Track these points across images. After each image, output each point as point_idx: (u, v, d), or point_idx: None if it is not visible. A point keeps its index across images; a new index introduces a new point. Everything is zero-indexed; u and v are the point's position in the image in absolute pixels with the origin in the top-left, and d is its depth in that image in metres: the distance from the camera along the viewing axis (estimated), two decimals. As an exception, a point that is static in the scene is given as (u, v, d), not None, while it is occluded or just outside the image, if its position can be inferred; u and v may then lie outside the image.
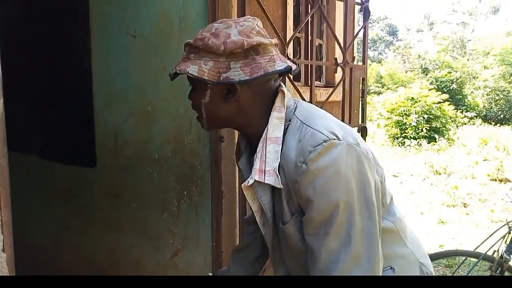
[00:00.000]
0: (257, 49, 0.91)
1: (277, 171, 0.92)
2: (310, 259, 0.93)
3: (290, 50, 2.36)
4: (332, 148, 0.87)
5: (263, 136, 0.95)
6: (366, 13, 2.35)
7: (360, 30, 2.32)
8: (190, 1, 1.95)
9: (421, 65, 15.39)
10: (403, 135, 9.85)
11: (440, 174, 6.92)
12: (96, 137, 2.38)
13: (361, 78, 2.41)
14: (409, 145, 9.41)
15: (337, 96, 2.51)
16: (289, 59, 1.94)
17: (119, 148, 2.30)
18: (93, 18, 2.30)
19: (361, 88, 2.42)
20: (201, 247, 2.03)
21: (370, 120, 13.03)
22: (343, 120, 2.24)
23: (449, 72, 14.09)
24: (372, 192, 0.91)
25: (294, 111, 0.97)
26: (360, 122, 2.41)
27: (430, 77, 14.19)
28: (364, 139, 2.36)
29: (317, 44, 3.00)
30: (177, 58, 2.15)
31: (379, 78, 21.35)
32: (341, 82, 2.25)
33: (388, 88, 18.04)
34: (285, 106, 0.96)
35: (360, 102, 2.43)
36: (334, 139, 0.88)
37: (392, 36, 41.17)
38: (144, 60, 2.15)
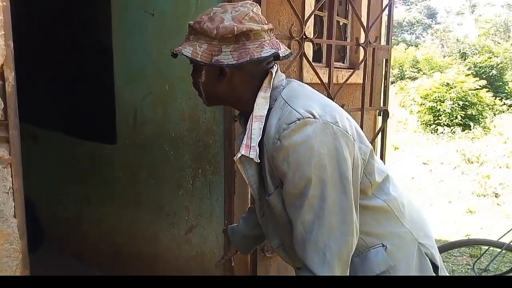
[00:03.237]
0: (248, 35, 0.97)
1: (257, 147, 0.99)
2: (293, 229, 0.99)
3: (311, 29, 2.31)
4: (305, 126, 0.92)
5: (251, 114, 1.02)
6: (391, -9, 2.25)
7: (384, 8, 2.23)
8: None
9: (460, 49, 14.74)
10: (436, 122, 9.52)
11: (472, 162, 6.66)
12: (117, 115, 2.43)
13: (384, 60, 2.33)
14: (442, 133, 9.09)
15: (359, 78, 2.45)
16: (306, 38, 1.89)
17: (137, 126, 2.34)
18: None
19: (384, 70, 2.34)
20: (214, 224, 2.06)
21: (403, 106, 12.67)
22: (362, 103, 2.18)
23: (489, 58, 13.42)
24: (348, 168, 0.95)
25: (282, 90, 1.03)
26: (382, 105, 2.34)
27: (469, 62, 13.58)
28: (385, 122, 2.30)
29: (341, 24, 2.92)
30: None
31: (415, 63, 20.63)
32: (363, 63, 2.19)
33: (424, 73, 17.44)
34: (271, 86, 1.02)
35: (383, 84, 2.36)
36: (309, 117, 0.93)
37: (430, 19, 39.54)
38: (162, 39, 2.15)
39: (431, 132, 9.33)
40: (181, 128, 2.14)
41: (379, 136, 2.35)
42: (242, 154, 1.01)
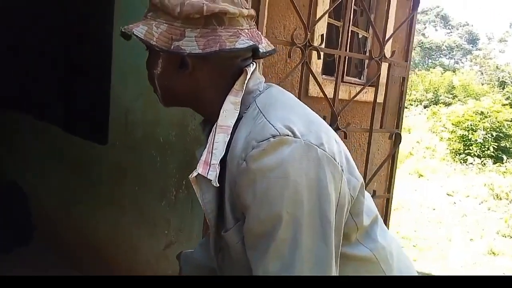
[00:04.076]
0: (221, 19, 0.76)
1: (218, 166, 0.77)
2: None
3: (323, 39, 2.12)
4: (282, 146, 0.71)
5: (216, 123, 0.79)
6: (415, 2, 2.04)
7: (404, 21, 2.01)
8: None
9: (499, 78, 14.11)
10: (466, 151, 9.03)
11: (500, 199, 6.21)
12: (110, 114, 2.31)
13: (401, 78, 2.10)
14: (471, 163, 8.60)
15: (368, 95, 2.23)
16: (310, 45, 1.70)
17: (129, 127, 2.21)
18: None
19: (400, 89, 2.11)
20: (193, 242, 1.87)
21: (434, 132, 12.18)
22: (371, 124, 1.96)
23: (531, 89, 12.73)
24: (331, 207, 0.73)
25: (258, 96, 0.81)
26: (394, 128, 2.10)
27: (507, 91, 12.96)
28: (397, 146, 2.06)
29: (361, 36, 2.71)
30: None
31: (451, 88, 19.97)
32: (377, 80, 1.98)
33: (459, 100, 16.81)
34: (243, 89, 0.80)
35: (398, 105, 2.12)
36: (287, 136, 0.71)
37: (471, 45, 38.44)
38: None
39: (460, 162, 8.85)
40: (169, 134, 1.99)
41: (389, 162, 2.11)
42: (198, 173, 0.79)
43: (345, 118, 2.45)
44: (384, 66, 2.00)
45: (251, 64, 0.83)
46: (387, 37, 1.95)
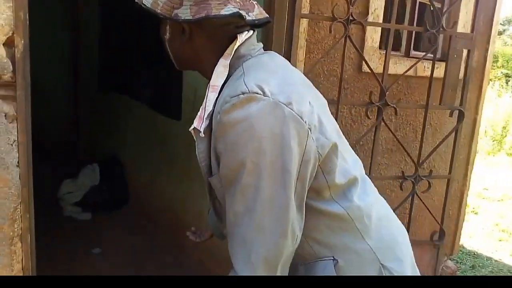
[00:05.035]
0: None
1: (208, 119, 0.88)
2: None
3: (379, 12, 2.06)
4: (249, 102, 0.79)
5: (209, 82, 0.91)
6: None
7: (470, -12, 1.84)
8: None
9: None
10: None
11: None
12: (183, 93, 2.57)
13: (465, 50, 1.94)
14: None
15: (440, 71, 2.10)
16: (353, 20, 1.69)
17: (196, 105, 2.44)
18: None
19: (465, 63, 1.95)
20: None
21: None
22: (427, 100, 1.87)
23: None
24: (292, 160, 0.80)
25: (247, 60, 0.90)
26: (456, 104, 1.96)
27: None
28: (459, 124, 1.93)
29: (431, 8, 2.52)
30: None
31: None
32: (433, 53, 1.87)
33: None
34: (232, 53, 0.89)
35: (463, 80, 1.97)
36: (256, 93, 0.80)
37: None
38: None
39: None
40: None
41: (453, 140, 1.98)
42: (194, 127, 0.90)
43: (413, 96, 2.35)
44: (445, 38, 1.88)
45: (246, 32, 0.91)
46: (446, 7, 1.83)
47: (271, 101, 0.79)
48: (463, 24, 2.37)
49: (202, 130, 0.87)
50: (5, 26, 1.19)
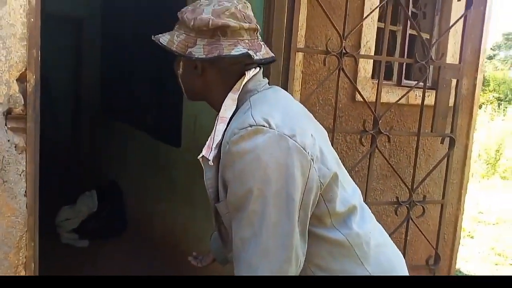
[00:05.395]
0: (225, 31, 0.93)
1: (216, 149, 0.94)
2: None
3: (371, 44, 2.16)
4: (256, 135, 0.86)
5: (218, 114, 0.98)
6: (468, 2, 1.96)
7: (456, 21, 1.95)
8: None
9: None
10: None
11: None
12: (183, 121, 2.64)
13: (454, 80, 2.03)
14: None
15: (430, 99, 2.18)
16: (346, 53, 1.78)
17: (196, 132, 2.51)
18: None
19: (455, 93, 2.03)
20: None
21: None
22: (419, 127, 1.95)
23: None
24: (296, 189, 0.86)
25: (254, 95, 0.97)
26: (447, 131, 2.04)
27: None
28: (450, 151, 2.00)
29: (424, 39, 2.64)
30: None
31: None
32: (424, 83, 1.96)
33: None
34: (240, 88, 0.97)
35: (452, 109, 2.05)
36: (263, 126, 0.86)
37: None
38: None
39: None
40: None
41: (445, 165, 2.05)
42: (203, 155, 0.96)
43: (405, 123, 2.43)
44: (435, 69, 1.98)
45: (253, 69, 0.99)
46: (434, 40, 1.93)
47: (276, 134, 0.86)
48: (452, 54, 2.48)
49: (211, 158, 0.93)
50: (19, 63, 1.27)
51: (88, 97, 3.96)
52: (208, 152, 0.95)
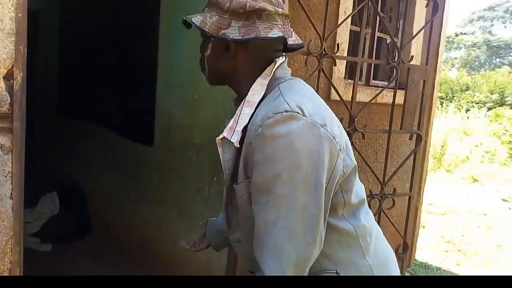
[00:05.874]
0: (260, 14, 0.94)
1: (241, 132, 0.94)
2: (251, 227, 0.94)
3: (345, 46, 2.26)
4: (291, 120, 0.87)
5: (244, 98, 0.98)
6: (434, 8, 2.11)
7: (423, 28, 2.10)
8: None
9: None
10: (529, 155, 8.49)
11: (562, 205, 5.82)
12: (156, 119, 2.61)
13: (421, 81, 2.18)
14: (534, 168, 8.08)
15: (400, 99, 2.32)
16: (326, 54, 1.86)
17: (171, 131, 2.49)
18: (163, 9, 2.51)
19: (421, 92, 2.18)
20: (223, 233, 2.10)
21: (496, 135, 11.51)
22: (390, 125, 2.08)
23: None
24: (324, 173, 0.89)
25: (282, 83, 0.99)
26: (415, 129, 2.19)
27: None
28: (417, 147, 2.15)
29: (388, 41, 2.80)
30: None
31: (522, 89, 18.58)
32: (395, 83, 2.09)
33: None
34: (271, 75, 0.98)
35: (419, 107, 2.20)
36: (297, 112, 0.88)
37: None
38: (196, 50, 2.27)
39: (523, 167, 8.35)
40: (204, 136, 2.23)
41: (412, 162, 2.19)
42: (224, 136, 0.96)
43: (373, 121, 2.56)
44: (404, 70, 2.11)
45: (281, 57, 1.01)
46: (405, 42, 2.06)
47: (309, 121, 0.88)
48: (414, 56, 2.65)
49: (235, 141, 0.93)
50: (6, 59, 1.21)
51: (45, 94, 3.77)
52: (230, 133, 0.95)
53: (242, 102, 0.97)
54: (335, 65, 1.94)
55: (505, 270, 3.82)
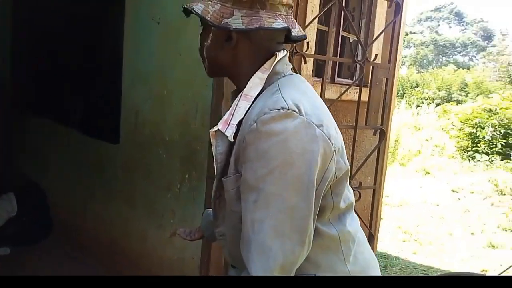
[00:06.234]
0: (264, 3, 0.92)
1: (236, 126, 0.92)
2: (235, 224, 0.92)
3: (312, 44, 2.32)
4: (287, 118, 0.85)
5: (242, 91, 0.96)
6: (396, 9, 2.22)
7: (386, 27, 2.20)
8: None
9: (510, 74, 13.99)
10: (474, 148, 9.07)
11: (504, 194, 6.27)
12: (122, 115, 2.54)
13: (385, 79, 2.28)
14: (479, 160, 8.65)
15: (365, 96, 2.41)
16: (296, 52, 1.90)
17: (138, 127, 2.44)
18: (128, 3, 2.45)
19: (384, 89, 2.29)
20: (195, 230, 2.09)
21: (444, 130, 12.20)
22: (356, 121, 2.16)
23: (542, 85, 12.60)
24: (316, 173, 0.87)
25: (281, 78, 0.96)
26: (379, 124, 2.29)
27: (519, 88, 12.84)
28: (381, 141, 2.25)
29: (351, 40, 2.90)
30: (193, 46, 2.18)
31: (464, 86, 19.83)
32: (360, 81, 2.17)
33: (471, 98, 16.73)
34: (271, 69, 0.95)
35: (382, 103, 2.31)
36: (294, 110, 0.86)
37: (486, 41, 37.91)
38: (164, 46, 2.25)
39: (468, 159, 8.90)
40: (174, 132, 2.21)
41: (376, 157, 2.29)
42: (218, 129, 0.93)
43: (337, 117, 2.64)
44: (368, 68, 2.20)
45: (283, 50, 0.98)
46: (369, 42, 2.15)
47: (305, 120, 0.85)
48: (374, 55, 2.77)
49: (229, 134, 0.92)
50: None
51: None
52: (225, 127, 0.92)
53: (239, 95, 0.95)
54: (305, 63, 1.98)
55: (456, 257, 4.08)
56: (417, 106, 17.56)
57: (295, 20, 0.97)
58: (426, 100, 18.75)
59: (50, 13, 2.93)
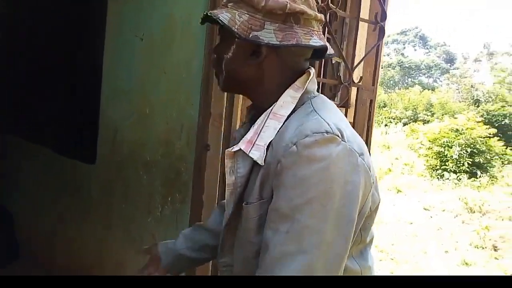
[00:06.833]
0: (299, 18, 0.84)
1: (266, 148, 0.84)
2: (262, 255, 0.81)
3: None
4: (331, 143, 0.77)
5: (269, 109, 0.87)
6: (380, 33, 2.26)
7: (370, 50, 2.22)
8: (194, 8, 1.96)
9: (474, 96, 14.68)
10: (442, 167, 9.35)
11: (474, 212, 6.47)
12: (99, 134, 2.43)
13: (369, 100, 2.30)
14: (447, 179, 8.92)
15: (349, 117, 2.42)
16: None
17: (117, 146, 2.34)
18: (110, 18, 2.37)
19: (368, 111, 2.30)
20: (178, 255, 2.00)
21: (412, 149, 12.55)
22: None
23: (503, 106, 13.30)
24: (356, 209, 0.79)
25: (313, 98, 0.89)
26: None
27: (482, 109, 13.48)
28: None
29: (333, 62, 2.92)
30: (178, 63, 2.11)
31: (429, 106, 20.58)
32: (346, 102, 2.17)
33: (437, 118, 17.36)
34: (304, 88, 0.88)
35: (366, 125, 2.32)
36: (337, 136, 0.78)
37: (448, 64, 39.75)
38: (147, 63, 2.18)
39: (437, 178, 9.16)
40: (156, 153, 2.13)
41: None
42: (240, 149, 0.85)
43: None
44: (355, 90, 2.21)
45: (312, 68, 0.91)
46: (355, 64, 2.17)
47: (347, 147, 0.79)
48: (356, 77, 2.80)
49: (256, 157, 0.83)
50: None
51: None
52: (248, 147, 0.84)
53: (266, 114, 0.87)
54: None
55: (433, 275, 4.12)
56: (385, 125, 18.06)
57: (323, 36, 0.91)
58: (394, 119, 19.34)
59: (27, 26, 2.81)
